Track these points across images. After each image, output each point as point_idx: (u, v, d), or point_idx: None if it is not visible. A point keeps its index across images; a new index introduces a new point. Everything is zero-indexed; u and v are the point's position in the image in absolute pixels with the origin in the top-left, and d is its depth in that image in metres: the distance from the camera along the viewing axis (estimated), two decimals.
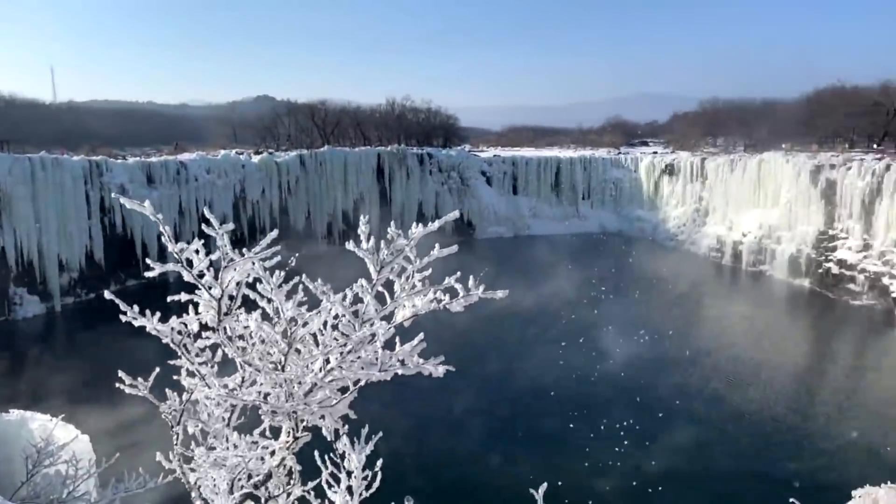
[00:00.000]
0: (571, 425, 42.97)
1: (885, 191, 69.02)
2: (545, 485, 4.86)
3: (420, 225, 4.80)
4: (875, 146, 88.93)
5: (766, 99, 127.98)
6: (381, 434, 6.04)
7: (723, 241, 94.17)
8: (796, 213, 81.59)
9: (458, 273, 4.88)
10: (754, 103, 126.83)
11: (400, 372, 4.35)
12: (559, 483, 34.54)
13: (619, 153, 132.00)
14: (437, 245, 4.74)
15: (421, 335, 4.46)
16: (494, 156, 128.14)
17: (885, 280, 67.37)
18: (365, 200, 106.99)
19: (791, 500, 6.92)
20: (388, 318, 4.62)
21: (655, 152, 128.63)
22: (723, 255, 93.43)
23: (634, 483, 34.71)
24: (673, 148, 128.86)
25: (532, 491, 4.88)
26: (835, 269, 73.94)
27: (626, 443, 39.43)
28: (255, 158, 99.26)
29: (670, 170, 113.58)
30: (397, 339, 4.48)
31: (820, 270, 76.18)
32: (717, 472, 36.42)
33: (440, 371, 4.28)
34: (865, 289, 69.74)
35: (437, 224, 4.53)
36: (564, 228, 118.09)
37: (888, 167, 69.37)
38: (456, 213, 4.95)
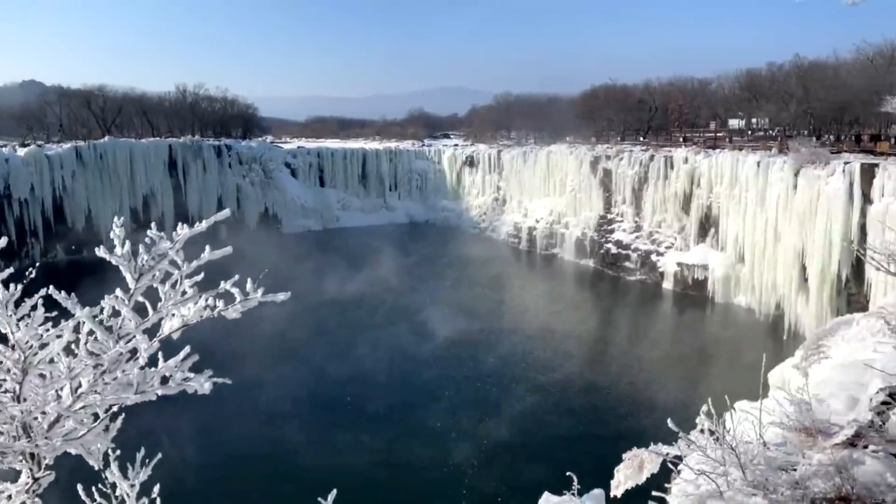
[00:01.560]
0: (402, 407, 43.84)
1: (650, 179, 78.33)
2: (335, 491, 4.70)
3: (196, 224, 4.39)
4: (641, 138, 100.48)
5: (551, 95, 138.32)
6: (160, 456, 5.51)
7: (519, 228, 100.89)
8: (580, 199, 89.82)
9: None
10: (542, 99, 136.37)
11: (160, 392, 3.93)
12: (396, 464, 35.17)
13: (423, 145, 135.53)
14: (206, 247, 4.36)
15: (187, 348, 4.06)
16: (299, 147, 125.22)
17: (654, 257, 76.58)
18: (157, 196, 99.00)
19: (567, 472, 7.48)
20: (153, 331, 4.16)
21: (457, 145, 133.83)
22: (520, 241, 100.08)
23: (466, 454, 36.42)
24: (472, 141, 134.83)
25: (320, 500, 4.67)
26: (613, 249, 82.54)
27: (457, 416, 41.09)
28: (21, 151, 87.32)
29: (470, 161, 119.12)
30: (160, 355, 4.04)
31: (601, 251, 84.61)
32: (536, 437, 39.24)
33: (206, 388, 3.92)
34: (638, 265, 78.71)
35: (204, 225, 4.16)
36: (374, 220, 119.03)
37: (652, 157, 78.73)
38: (227, 212, 4.58)
